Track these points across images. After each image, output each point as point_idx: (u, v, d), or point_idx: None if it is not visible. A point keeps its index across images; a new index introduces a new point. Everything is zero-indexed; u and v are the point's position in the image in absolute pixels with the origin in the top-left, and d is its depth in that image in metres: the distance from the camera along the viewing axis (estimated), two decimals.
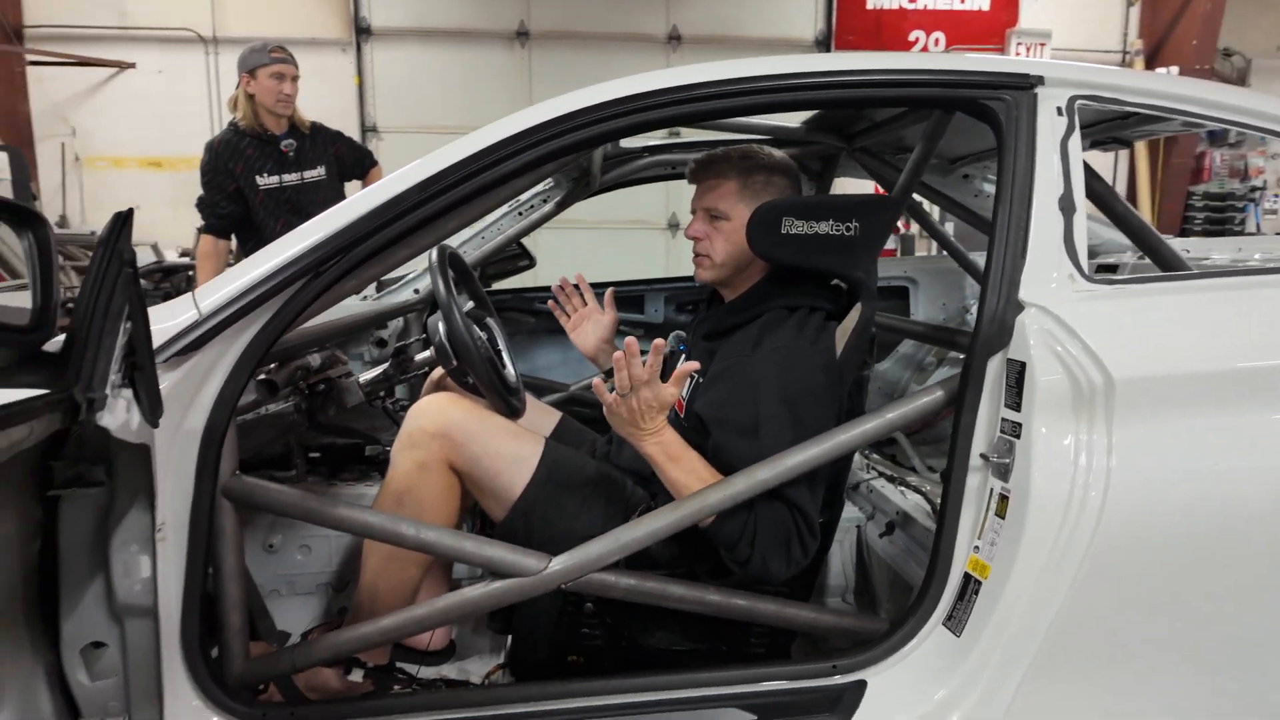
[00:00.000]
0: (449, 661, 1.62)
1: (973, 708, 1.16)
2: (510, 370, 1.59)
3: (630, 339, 1.20)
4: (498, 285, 2.83)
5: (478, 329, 1.44)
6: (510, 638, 1.44)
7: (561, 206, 2.47)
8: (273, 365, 1.42)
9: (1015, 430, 1.16)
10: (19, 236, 0.77)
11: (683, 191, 1.70)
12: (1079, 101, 1.30)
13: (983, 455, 1.20)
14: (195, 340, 1.09)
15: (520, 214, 2.51)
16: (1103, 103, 1.33)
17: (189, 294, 1.12)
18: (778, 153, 1.51)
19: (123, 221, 0.76)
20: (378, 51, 5.96)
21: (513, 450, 1.40)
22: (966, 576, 1.22)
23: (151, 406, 0.91)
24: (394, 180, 1.17)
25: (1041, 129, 1.26)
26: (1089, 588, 1.12)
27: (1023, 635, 1.14)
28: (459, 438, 1.37)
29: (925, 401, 1.26)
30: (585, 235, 5.73)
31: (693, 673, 1.24)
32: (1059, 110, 1.28)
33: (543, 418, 1.70)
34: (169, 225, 5.80)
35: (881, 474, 2.09)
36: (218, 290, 1.12)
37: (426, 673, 1.56)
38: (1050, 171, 1.24)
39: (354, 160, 3.26)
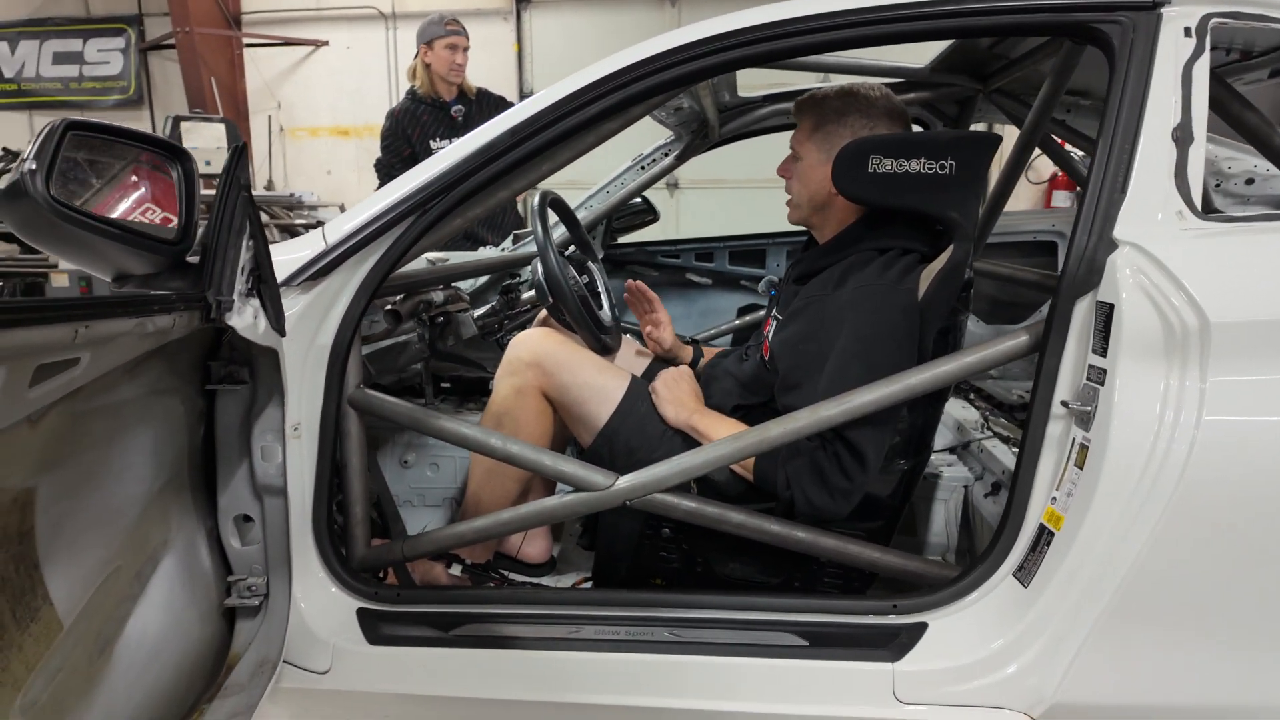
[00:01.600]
0: (549, 575, 1.77)
1: (1033, 660, 1.13)
2: (606, 311, 1.69)
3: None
4: (624, 239, 2.94)
5: (573, 270, 1.54)
6: (594, 555, 1.56)
7: (681, 160, 2.52)
8: (399, 297, 1.60)
9: (1101, 377, 1.10)
10: (170, 170, 0.95)
11: None
12: (1214, 20, 1.17)
13: (1064, 403, 1.15)
14: (323, 267, 1.27)
15: (642, 168, 2.59)
16: (1247, 20, 1.19)
17: (320, 228, 1.30)
18: (869, 92, 1.47)
19: (239, 154, 0.93)
20: (536, 19, 6.23)
21: (599, 382, 1.50)
22: (1041, 528, 1.18)
23: (276, 315, 1.08)
24: (488, 128, 1.28)
25: (1162, 52, 1.15)
26: (1167, 544, 1.05)
27: (1091, 591, 1.09)
28: (550, 367, 1.49)
29: (1007, 346, 1.21)
30: (729, 194, 5.73)
31: (751, 595, 1.29)
32: (1187, 31, 1.16)
33: (637, 359, 1.79)
34: (354, 188, 6.46)
35: (996, 434, 2.00)
36: (342, 225, 1.29)
37: (523, 579, 1.72)
38: (1167, 98, 1.14)
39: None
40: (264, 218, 5.59)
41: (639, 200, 2.83)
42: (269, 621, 1.25)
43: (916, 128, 2.50)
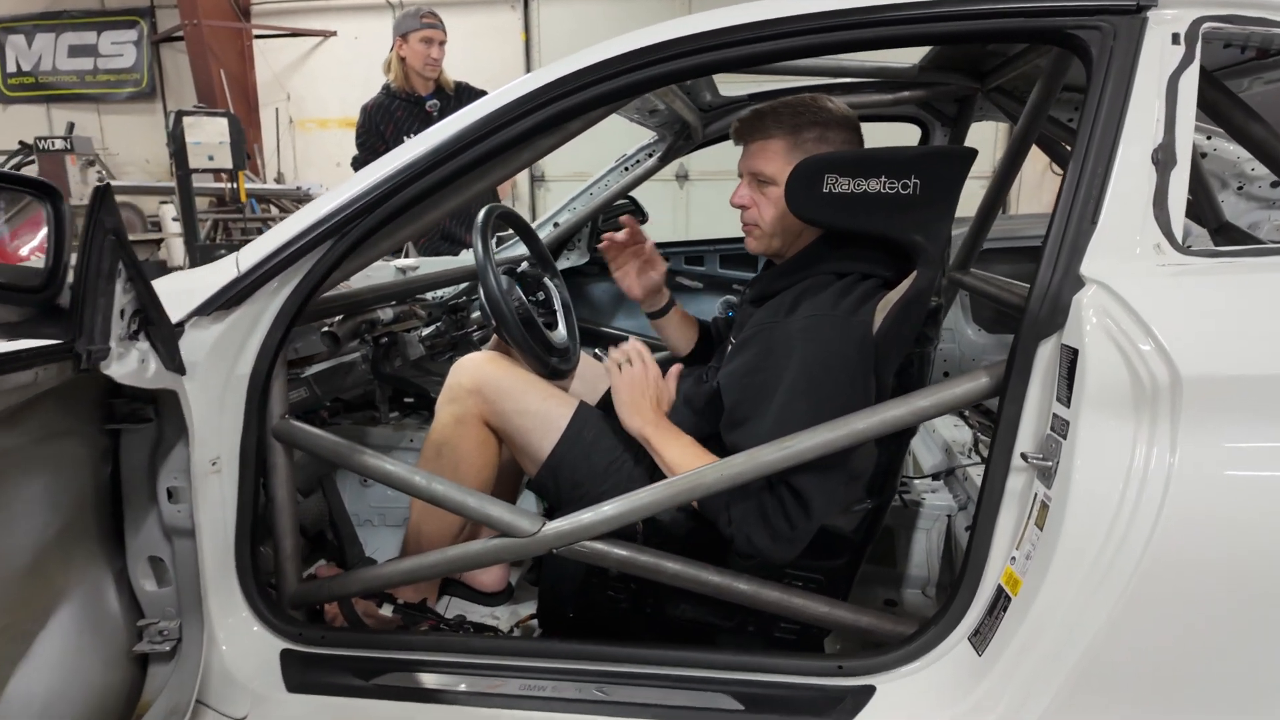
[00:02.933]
0: (505, 604, 1.70)
1: None
2: (561, 331, 1.60)
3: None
4: None
5: (519, 290, 1.45)
6: (538, 593, 1.48)
7: (664, 161, 2.41)
8: (338, 318, 1.53)
9: (1064, 430, 0.99)
10: (40, 206, 0.88)
11: None
12: (1206, 25, 1.04)
13: (1023, 455, 1.04)
14: (235, 296, 1.20)
15: (626, 169, 2.49)
16: (1245, 25, 1.05)
17: (234, 254, 1.24)
18: (837, 104, 1.36)
19: (102, 195, 0.86)
20: (545, 8, 6.11)
21: (543, 409, 1.42)
22: (999, 590, 1.07)
23: (169, 354, 1.02)
24: (407, 148, 1.20)
25: (1145, 62, 1.03)
26: (1132, 617, 0.94)
27: (1049, 664, 0.99)
28: (490, 394, 1.41)
29: (965, 389, 1.10)
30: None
31: (688, 650, 1.21)
32: (1175, 38, 1.03)
33: (598, 382, 1.70)
34: None
35: (984, 459, 1.88)
36: (256, 250, 1.22)
37: (481, 613, 1.66)
38: (1148, 115, 1.01)
39: None
40: (274, 211, 5.59)
41: (626, 200, 2.73)
42: (181, 667, 1.19)
43: (915, 130, 2.36)
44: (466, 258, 2.62)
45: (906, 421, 1.11)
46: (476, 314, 1.59)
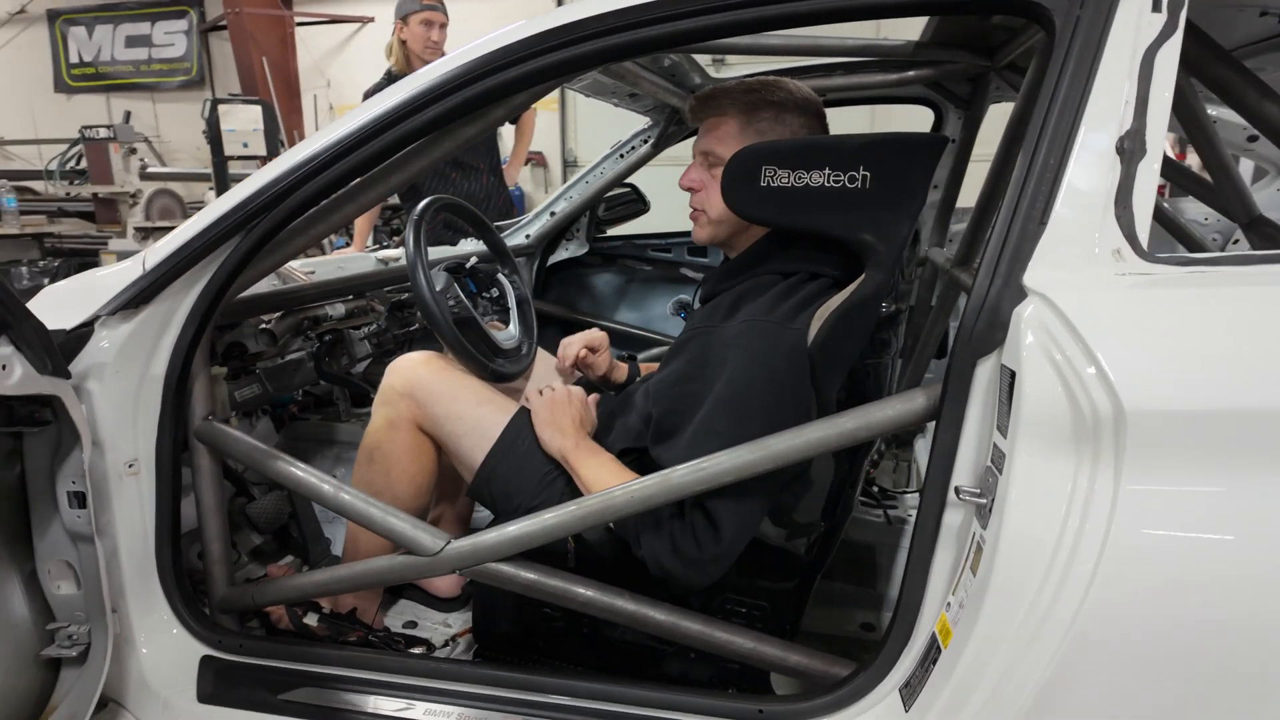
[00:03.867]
0: (460, 610, 1.64)
1: None
2: (512, 330, 1.52)
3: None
4: (614, 231, 2.75)
5: (456, 288, 1.38)
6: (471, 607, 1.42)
7: (659, 147, 2.30)
8: (277, 315, 1.49)
9: (1002, 462, 0.86)
10: None
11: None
12: None
13: (956, 489, 0.91)
14: (142, 294, 1.16)
15: (621, 156, 2.39)
16: None
17: (142, 253, 1.20)
18: (799, 87, 1.23)
19: None
20: None
21: (476, 415, 1.34)
22: (932, 638, 0.95)
23: (39, 358, 0.98)
24: (311, 140, 1.13)
25: (1118, 32, 0.88)
26: (1068, 676, 0.81)
27: None
28: (422, 397, 1.34)
29: (897, 410, 0.97)
30: None
31: (604, 682, 1.12)
32: (1155, 4, 0.88)
33: (556, 383, 1.61)
34: None
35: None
36: (162, 248, 1.17)
37: (434, 619, 1.61)
38: (1115, 96, 0.86)
39: None
40: None
41: (628, 189, 2.64)
42: (85, 675, 1.17)
43: (928, 113, 2.19)
44: (465, 247, 2.57)
45: (833, 444, 1.00)
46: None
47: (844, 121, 1.29)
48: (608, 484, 1.14)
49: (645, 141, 2.34)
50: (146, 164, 5.04)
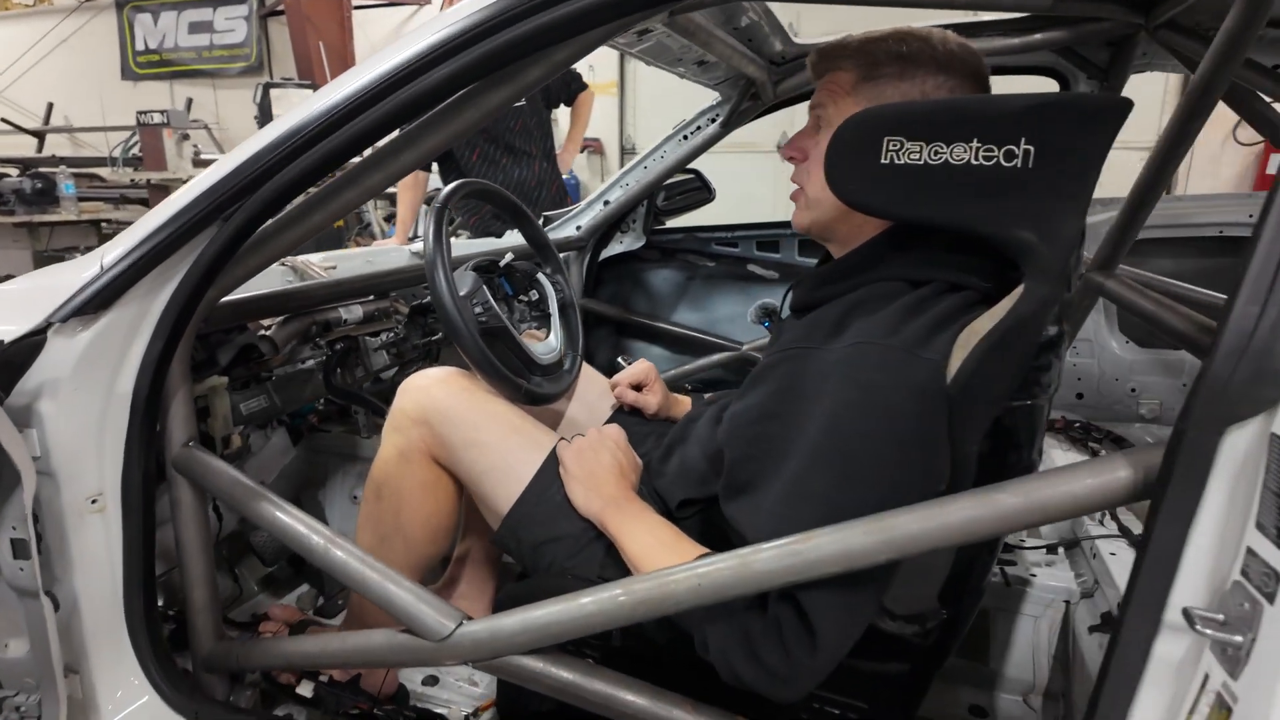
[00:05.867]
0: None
1: None
2: (552, 343, 1.27)
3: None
4: (673, 223, 2.47)
5: (489, 290, 1.13)
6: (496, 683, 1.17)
7: (728, 126, 2.02)
8: (281, 319, 1.27)
9: (1271, 581, 0.56)
10: None
11: None
12: None
13: (1185, 611, 0.61)
14: (99, 296, 0.95)
15: (685, 138, 2.11)
16: None
17: (99, 249, 0.99)
18: (948, 38, 0.92)
19: None
20: None
21: (504, 449, 1.10)
22: None
23: None
24: (298, 110, 0.90)
25: None
26: None
27: None
28: (439, 425, 1.10)
29: (1090, 485, 0.68)
30: None
31: None
32: None
33: (598, 404, 1.35)
34: None
35: (1125, 531, 1.40)
36: (122, 243, 0.96)
37: (460, 677, 1.37)
38: None
39: (559, 84, 3.06)
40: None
41: (691, 175, 2.36)
42: None
43: (1053, 87, 1.84)
44: (512, 239, 2.33)
45: (985, 530, 0.71)
46: None
47: None
48: (659, 560, 0.88)
49: (713, 120, 2.06)
50: (200, 150, 4.98)
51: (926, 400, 0.77)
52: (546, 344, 1.25)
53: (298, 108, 0.90)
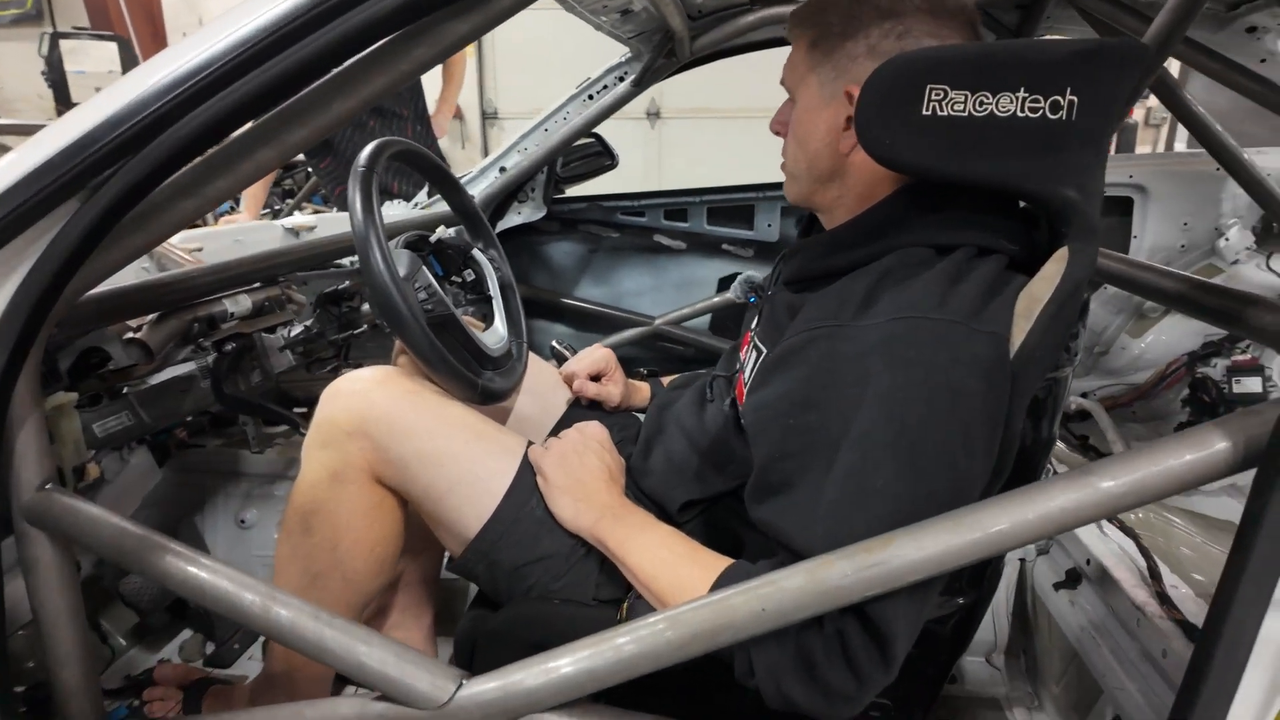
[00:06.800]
0: None
1: None
2: (498, 328, 1.10)
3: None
4: (574, 190, 2.31)
5: (429, 273, 0.94)
6: None
7: (641, 85, 1.88)
8: (151, 318, 1.01)
9: None
10: None
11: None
12: None
13: None
14: None
15: (590, 98, 1.95)
16: None
17: None
18: None
19: None
20: None
21: (468, 459, 0.93)
22: None
23: None
24: (191, 44, 0.68)
25: None
26: None
27: None
28: (383, 436, 0.91)
29: (1188, 459, 0.63)
30: (715, 125, 5.00)
31: None
32: None
33: (552, 397, 1.20)
34: None
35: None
36: None
37: None
38: None
39: None
40: None
41: (591, 140, 2.20)
42: None
43: None
44: (391, 211, 2.08)
45: (1083, 520, 0.64)
46: (369, 306, 1.08)
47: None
48: (680, 577, 0.77)
49: (621, 79, 1.91)
50: None
51: (992, 377, 0.70)
52: (493, 332, 1.08)
53: (208, 30, 0.68)
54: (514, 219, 2.21)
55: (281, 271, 1.23)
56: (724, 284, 2.29)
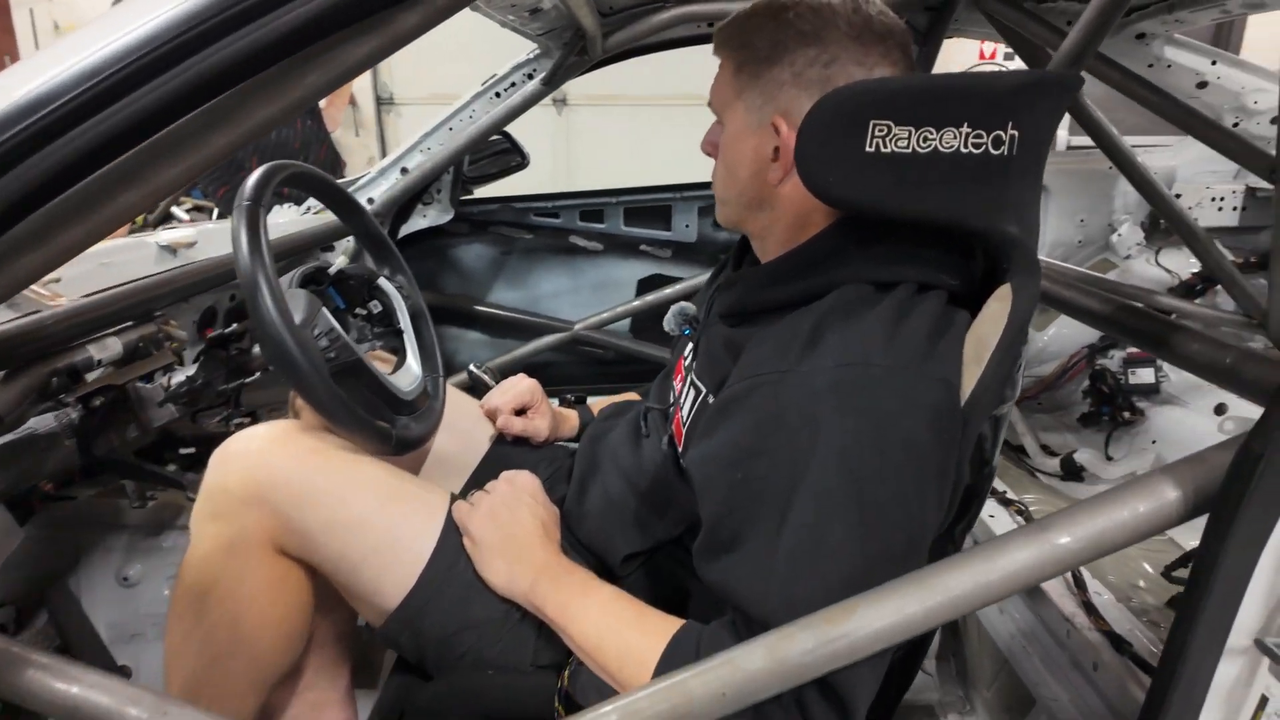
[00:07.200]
0: None
1: None
2: (411, 366, 1.01)
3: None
4: (483, 192, 2.20)
5: (329, 314, 0.84)
6: None
7: (552, 83, 1.79)
8: None
9: None
10: None
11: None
12: None
13: (1260, 642, 0.58)
14: None
15: (497, 94, 1.85)
16: None
17: None
18: (854, 6, 0.79)
19: None
20: None
21: (389, 523, 0.85)
22: None
23: None
24: (85, 38, 0.56)
25: None
26: None
27: None
28: (284, 503, 0.82)
29: (1141, 510, 0.62)
30: (626, 112, 4.92)
31: None
32: None
33: (475, 432, 1.12)
34: None
35: (994, 495, 1.47)
36: None
37: None
38: None
39: None
40: None
41: (499, 137, 2.09)
42: None
43: None
44: (276, 219, 1.92)
45: (1044, 576, 0.63)
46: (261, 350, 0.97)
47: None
48: (625, 646, 0.73)
49: (530, 76, 1.82)
50: None
51: (942, 425, 0.68)
52: (406, 371, 0.99)
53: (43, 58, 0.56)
54: (419, 222, 2.09)
55: (157, 305, 1.08)
56: (643, 285, 2.24)
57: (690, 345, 0.95)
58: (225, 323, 1.58)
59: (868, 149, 0.68)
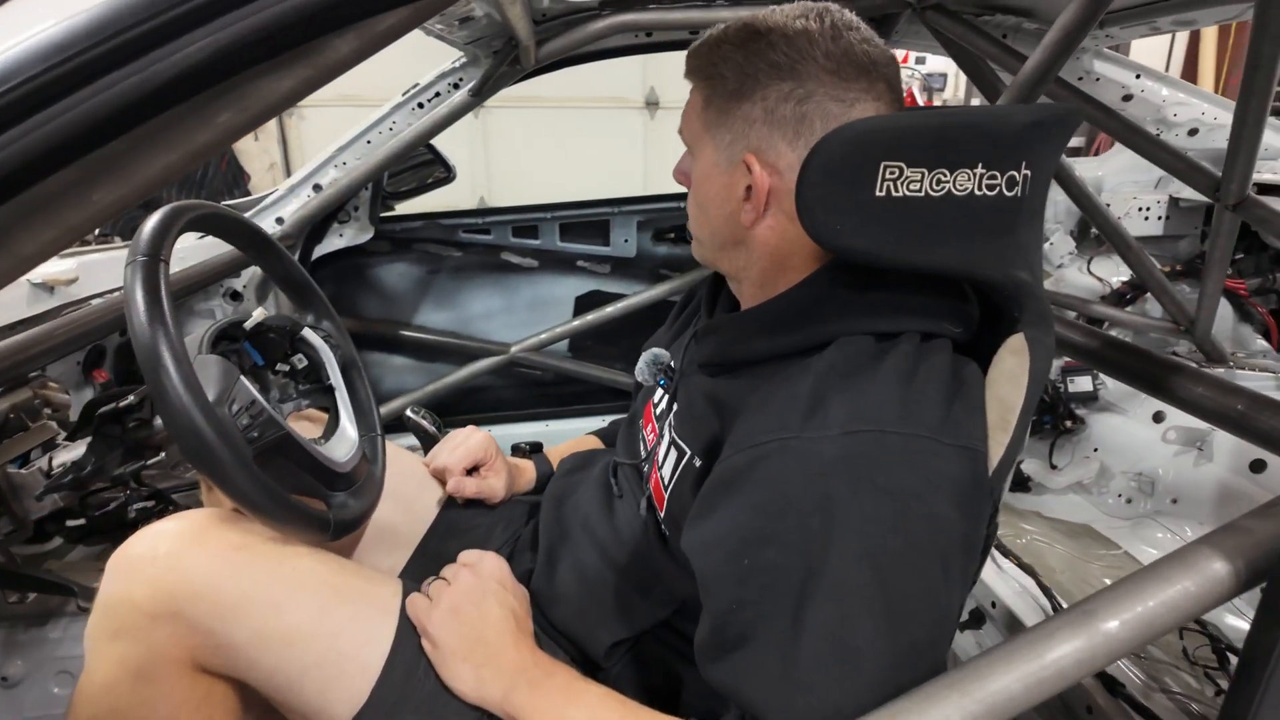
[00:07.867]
0: None
1: None
2: (346, 429, 0.88)
3: None
4: (404, 207, 2.05)
5: (248, 381, 0.71)
6: None
7: (480, 95, 1.66)
8: None
9: None
10: None
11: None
12: None
13: None
14: None
15: (420, 105, 1.71)
16: None
17: None
18: (845, 25, 0.71)
19: None
20: None
21: (333, 630, 0.72)
22: None
23: None
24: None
25: None
26: None
27: None
28: (205, 619, 0.68)
29: (1188, 590, 0.57)
30: (546, 115, 4.78)
31: None
32: None
33: (421, 495, 1.00)
34: None
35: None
36: None
37: None
38: None
39: None
40: None
41: (423, 151, 1.94)
42: None
43: None
44: (204, 245, 1.73)
45: (1091, 670, 0.57)
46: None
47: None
48: None
49: (456, 86, 1.69)
50: None
51: (969, 499, 0.61)
52: (340, 437, 0.86)
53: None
54: (336, 242, 1.92)
55: (33, 365, 0.91)
56: (581, 303, 2.14)
57: (665, 396, 0.86)
58: (115, 364, 1.39)
59: (878, 193, 0.61)
